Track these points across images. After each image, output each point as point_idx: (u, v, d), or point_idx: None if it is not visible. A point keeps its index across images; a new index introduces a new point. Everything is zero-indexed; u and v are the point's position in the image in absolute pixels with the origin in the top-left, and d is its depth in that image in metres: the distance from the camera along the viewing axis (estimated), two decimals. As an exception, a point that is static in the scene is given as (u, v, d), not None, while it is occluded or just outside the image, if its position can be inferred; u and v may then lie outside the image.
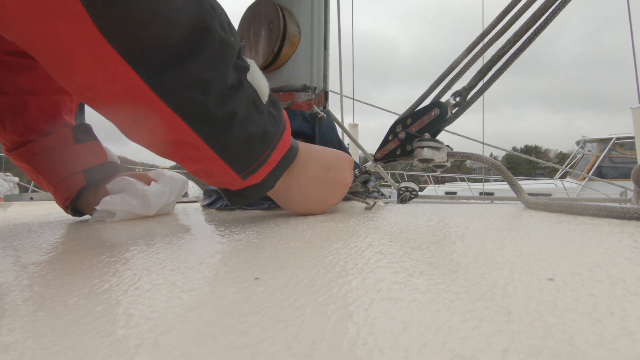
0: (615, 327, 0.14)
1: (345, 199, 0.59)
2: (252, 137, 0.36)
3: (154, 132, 0.33)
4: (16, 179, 3.56)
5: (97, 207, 0.52)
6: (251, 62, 0.37)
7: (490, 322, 0.15)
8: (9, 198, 1.40)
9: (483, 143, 2.27)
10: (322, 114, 0.63)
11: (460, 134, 1.86)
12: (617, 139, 6.74)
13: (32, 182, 3.67)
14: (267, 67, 0.64)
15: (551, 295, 0.17)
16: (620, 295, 0.17)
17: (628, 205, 0.44)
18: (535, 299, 0.17)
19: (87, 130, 0.60)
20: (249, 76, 0.36)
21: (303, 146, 0.45)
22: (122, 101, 0.31)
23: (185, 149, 0.34)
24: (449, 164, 0.55)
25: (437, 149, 0.52)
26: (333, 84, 0.75)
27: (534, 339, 0.13)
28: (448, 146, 0.54)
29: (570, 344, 0.13)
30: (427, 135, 0.53)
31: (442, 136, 0.55)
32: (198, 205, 0.86)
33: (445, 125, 0.55)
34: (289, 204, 0.46)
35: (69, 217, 0.63)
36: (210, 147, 0.34)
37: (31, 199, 1.37)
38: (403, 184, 0.66)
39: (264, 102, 0.38)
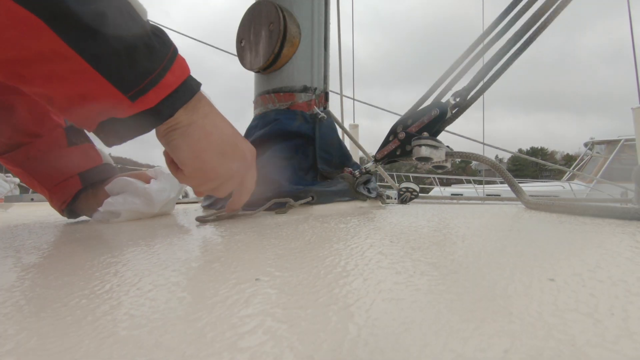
0: (616, 327, 0.14)
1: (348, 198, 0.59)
2: (133, 49, 0.31)
3: (8, 43, 0.28)
4: (17, 180, 3.56)
5: (100, 209, 0.53)
6: None
7: (491, 323, 0.15)
8: (9, 199, 1.41)
9: (483, 143, 2.26)
10: (322, 114, 0.63)
11: (461, 134, 1.85)
12: (626, 140, 6.68)
13: (33, 183, 3.66)
14: (268, 68, 0.64)
15: (552, 296, 0.17)
16: (621, 295, 0.17)
17: (629, 205, 0.44)
18: (536, 300, 0.17)
19: (80, 131, 0.59)
20: None
21: (209, 103, 0.40)
22: None
23: (53, 62, 0.29)
24: (448, 165, 0.54)
25: (436, 147, 0.52)
26: (333, 84, 0.75)
27: (535, 340, 0.13)
28: (448, 146, 0.54)
29: (571, 345, 0.13)
30: (425, 134, 0.53)
31: (443, 137, 0.55)
32: (198, 206, 0.86)
33: (446, 125, 0.55)
34: (178, 148, 0.38)
35: (69, 218, 0.63)
36: (81, 55, 0.29)
37: (32, 200, 1.37)
38: (403, 185, 0.66)
39: (144, 20, 0.33)
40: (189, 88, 0.36)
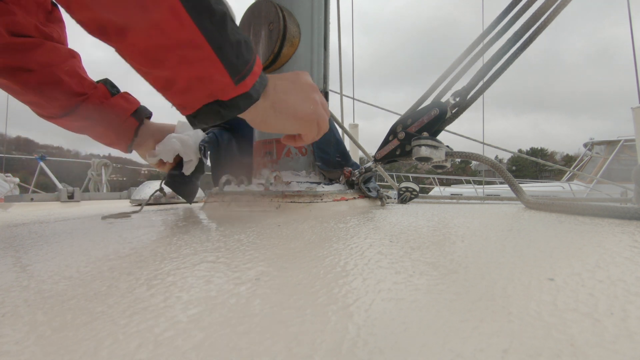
0: (615, 327, 0.14)
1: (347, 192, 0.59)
2: (239, 43, 0.39)
3: (157, 30, 0.34)
4: (17, 180, 3.56)
5: (160, 145, 0.68)
6: None
7: (490, 323, 0.15)
8: (9, 199, 1.40)
9: (483, 143, 2.26)
10: None
11: (461, 134, 1.85)
12: (626, 140, 6.70)
13: (33, 183, 3.68)
14: (267, 68, 0.64)
15: (551, 296, 0.17)
16: (620, 295, 0.17)
17: (629, 205, 0.44)
18: (535, 299, 0.17)
19: (112, 84, 0.70)
20: None
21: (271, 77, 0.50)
22: None
23: (184, 49, 0.36)
24: (448, 165, 0.54)
25: (435, 147, 0.52)
26: (332, 84, 0.75)
27: (534, 339, 0.13)
28: (448, 146, 0.54)
29: (570, 345, 0.13)
30: (425, 134, 0.53)
31: (443, 137, 0.55)
32: (198, 205, 0.86)
33: (445, 125, 0.55)
34: (279, 118, 0.48)
35: (69, 218, 0.63)
36: (210, 44, 0.36)
37: (32, 199, 1.37)
38: (403, 184, 0.66)
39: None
40: (264, 76, 0.45)
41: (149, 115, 0.73)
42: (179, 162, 0.73)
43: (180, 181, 0.73)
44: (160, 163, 0.73)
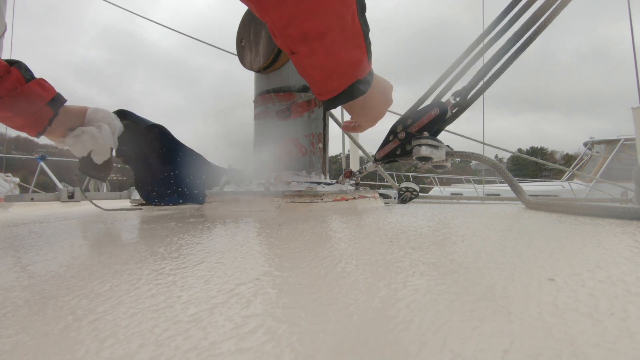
0: (616, 327, 0.14)
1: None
2: (367, 29, 0.46)
3: (342, 30, 0.42)
4: (17, 180, 3.56)
5: (70, 139, 0.68)
6: None
7: (490, 323, 0.15)
8: (9, 199, 1.40)
9: (484, 143, 2.26)
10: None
11: (461, 134, 1.85)
12: (626, 140, 6.69)
13: (33, 183, 3.69)
14: (268, 68, 0.64)
15: (552, 296, 0.17)
16: (621, 295, 0.17)
17: (629, 205, 0.44)
18: (535, 300, 0.17)
19: (27, 68, 0.67)
20: None
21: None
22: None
23: (351, 40, 0.44)
24: (448, 164, 0.54)
25: (436, 147, 0.52)
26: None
27: (535, 340, 0.13)
28: (448, 146, 0.54)
29: (570, 345, 0.13)
30: (425, 134, 0.53)
31: (443, 137, 0.55)
32: (197, 206, 0.86)
33: (446, 125, 0.55)
34: (368, 108, 0.56)
35: (69, 218, 0.63)
36: (363, 34, 0.44)
37: (32, 199, 1.37)
38: (403, 184, 0.66)
39: None
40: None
41: (64, 103, 0.70)
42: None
43: (93, 166, 0.74)
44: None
